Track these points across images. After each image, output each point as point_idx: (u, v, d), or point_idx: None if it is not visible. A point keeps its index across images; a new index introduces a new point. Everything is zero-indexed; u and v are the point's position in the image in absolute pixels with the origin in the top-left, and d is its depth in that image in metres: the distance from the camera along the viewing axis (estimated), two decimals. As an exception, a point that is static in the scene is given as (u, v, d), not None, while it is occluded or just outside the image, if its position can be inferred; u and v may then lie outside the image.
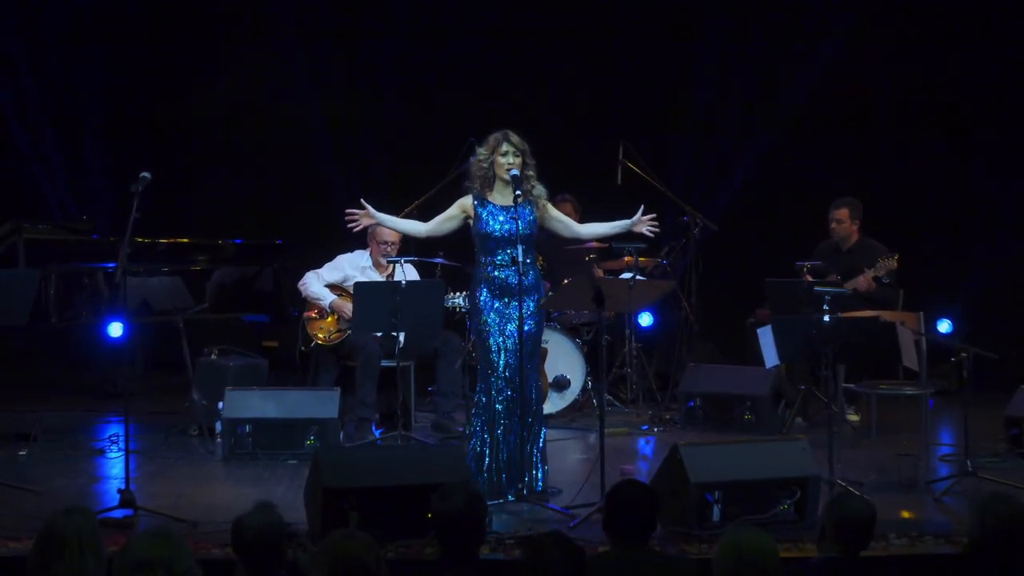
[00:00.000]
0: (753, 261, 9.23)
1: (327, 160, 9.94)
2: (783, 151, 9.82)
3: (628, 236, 6.10)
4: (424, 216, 8.16)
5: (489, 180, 5.96)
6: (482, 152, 5.97)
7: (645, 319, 8.94)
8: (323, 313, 7.57)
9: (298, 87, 9.92)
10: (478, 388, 6.00)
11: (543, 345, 7.12)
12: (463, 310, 6.14)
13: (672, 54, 9.76)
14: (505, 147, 5.91)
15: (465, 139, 7.13)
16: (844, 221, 8.18)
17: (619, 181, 8.24)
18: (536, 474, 5.98)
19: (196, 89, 10.01)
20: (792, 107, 9.78)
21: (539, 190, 5.99)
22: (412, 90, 9.98)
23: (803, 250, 8.28)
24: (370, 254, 7.71)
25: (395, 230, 6.42)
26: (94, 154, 9.84)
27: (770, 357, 6.38)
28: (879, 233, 8.29)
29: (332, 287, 7.63)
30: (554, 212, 6.05)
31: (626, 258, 8.30)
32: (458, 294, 7.28)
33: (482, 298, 5.95)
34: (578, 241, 8.67)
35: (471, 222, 5.98)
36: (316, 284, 7.60)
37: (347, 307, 7.44)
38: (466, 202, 6.00)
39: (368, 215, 6.14)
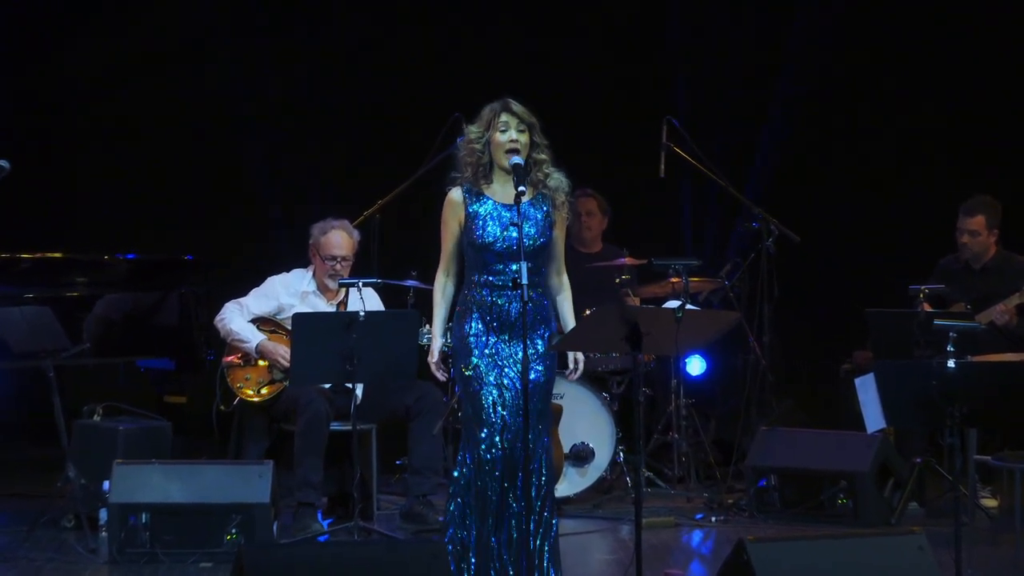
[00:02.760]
0: (850, 284, 9.22)
1: (256, 147, 9.97)
2: (888, 130, 9.85)
3: (675, 247, 6.05)
4: (391, 225, 8.25)
5: (485, 168, 5.94)
6: (474, 130, 5.94)
7: (697, 365, 8.91)
8: (249, 359, 7.58)
9: (215, 44, 9.95)
10: (460, 459, 5.98)
11: (556, 401, 7.15)
12: (446, 349, 6.11)
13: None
14: (505, 119, 5.88)
15: (447, 116, 7.16)
16: (980, 233, 8.19)
17: (662, 173, 8.24)
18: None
19: (71, 48, 10.00)
20: (902, 66, 9.83)
21: (556, 180, 5.97)
22: (376, 52, 9.99)
23: (919, 269, 8.28)
24: (314, 275, 7.73)
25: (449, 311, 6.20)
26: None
27: (873, 418, 6.37)
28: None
29: (262, 322, 7.65)
30: (560, 228, 6.00)
31: (672, 279, 8.25)
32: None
33: (472, 332, 5.93)
34: (597, 259, 8.71)
35: (462, 224, 5.96)
36: (239, 319, 7.60)
37: (282, 350, 7.43)
38: (454, 198, 5.96)
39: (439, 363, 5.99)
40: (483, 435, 5.86)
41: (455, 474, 5.96)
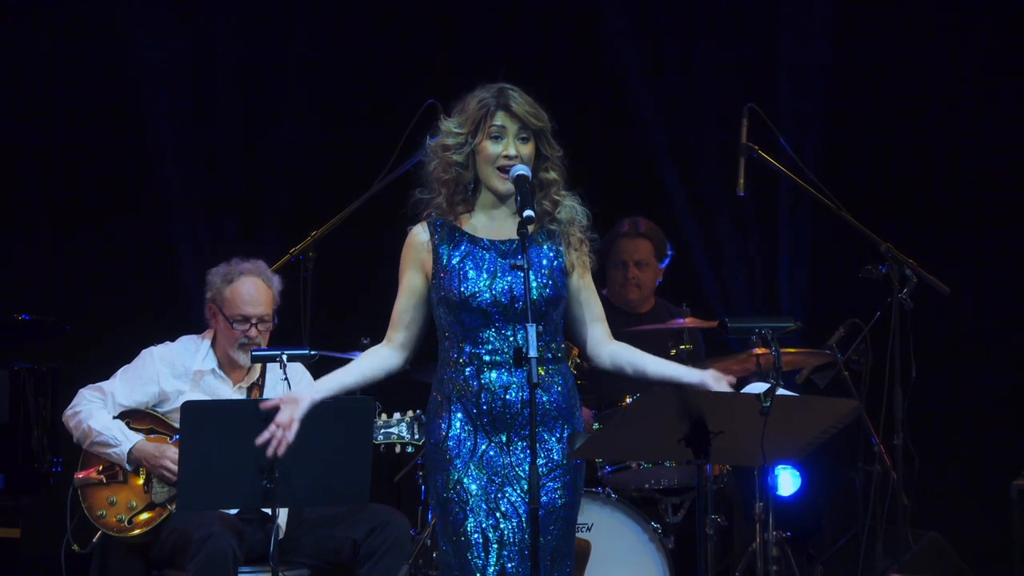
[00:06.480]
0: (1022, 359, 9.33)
1: (144, 158, 10.11)
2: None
3: (759, 307, 6.00)
4: (331, 269, 8.03)
5: (465, 188, 6.06)
6: (453, 129, 6.07)
7: (791, 481, 9.05)
8: (116, 473, 7.60)
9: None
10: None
11: (582, 535, 7.20)
12: (408, 447, 5.95)
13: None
14: (500, 121, 5.98)
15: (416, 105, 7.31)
16: None
17: (741, 189, 8.21)
18: None
19: None
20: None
21: (568, 210, 6.12)
22: (330, 30, 10.25)
23: None
24: (213, 345, 7.90)
25: (359, 384, 6.24)
26: None
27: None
28: None
29: (134, 418, 7.74)
30: (583, 274, 6.17)
31: (756, 351, 8.23)
32: (402, 418, 7.45)
33: (451, 433, 6.02)
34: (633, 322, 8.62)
35: (429, 275, 6.08)
36: (101, 412, 7.70)
37: (170, 452, 7.54)
38: (418, 237, 6.11)
39: (292, 404, 5.96)
40: (468, 587, 6.01)
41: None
